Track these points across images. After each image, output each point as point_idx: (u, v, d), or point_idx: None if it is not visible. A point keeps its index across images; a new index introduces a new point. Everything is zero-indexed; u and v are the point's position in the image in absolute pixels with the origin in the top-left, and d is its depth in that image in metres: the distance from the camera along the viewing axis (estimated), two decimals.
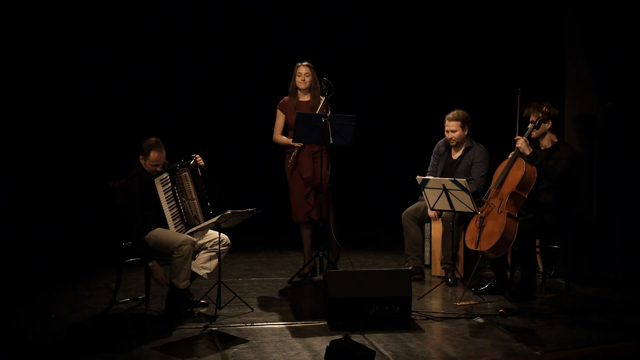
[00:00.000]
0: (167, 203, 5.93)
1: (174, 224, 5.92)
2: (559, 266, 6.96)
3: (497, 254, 6.19)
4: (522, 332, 5.44)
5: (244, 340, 5.24)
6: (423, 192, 6.31)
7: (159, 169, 5.93)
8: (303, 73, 6.91)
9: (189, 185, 6.00)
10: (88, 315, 5.82)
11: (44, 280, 7.02)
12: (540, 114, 6.33)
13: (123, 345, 5.18)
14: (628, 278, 6.77)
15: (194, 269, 5.90)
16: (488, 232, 6.14)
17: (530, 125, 6.36)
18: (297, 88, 6.96)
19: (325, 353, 4.55)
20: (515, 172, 6.23)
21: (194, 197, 6.00)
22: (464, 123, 6.97)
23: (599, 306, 6.13)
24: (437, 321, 5.69)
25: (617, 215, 6.86)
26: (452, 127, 6.97)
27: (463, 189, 6.03)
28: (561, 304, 6.17)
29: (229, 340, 5.26)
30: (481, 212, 6.22)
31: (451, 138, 6.99)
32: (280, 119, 7.00)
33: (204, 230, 5.98)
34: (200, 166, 6.11)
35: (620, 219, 6.86)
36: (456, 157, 7.04)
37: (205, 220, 5.97)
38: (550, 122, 6.38)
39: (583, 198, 6.90)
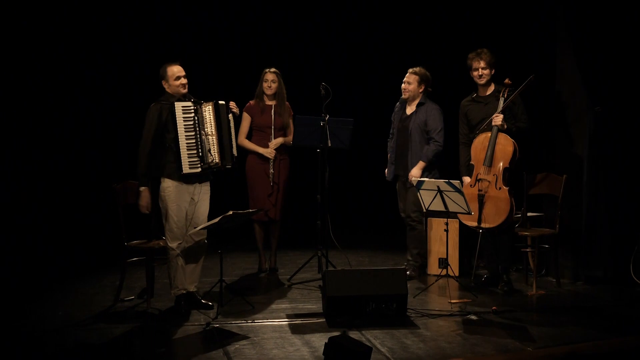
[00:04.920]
0: (185, 132, 5.82)
1: (188, 155, 5.83)
2: (549, 265, 7.07)
3: (501, 228, 6.39)
4: (514, 328, 5.54)
5: (245, 337, 5.32)
6: (418, 194, 6.39)
7: (184, 81, 5.91)
8: (270, 80, 6.99)
9: (211, 120, 5.94)
10: (94, 313, 5.90)
11: (51, 279, 7.07)
12: (505, 88, 6.53)
13: (126, 343, 5.28)
14: (616, 276, 6.85)
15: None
16: (493, 209, 6.32)
17: (501, 100, 6.51)
18: (263, 93, 7.04)
19: (324, 349, 4.59)
20: (504, 148, 6.40)
21: (213, 132, 5.94)
22: (421, 80, 7.03)
23: (588, 304, 6.24)
24: (432, 318, 5.79)
25: (606, 214, 6.93)
26: (409, 79, 7.04)
27: (457, 190, 6.11)
28: (552, 302, 6.29)
29: (231, 337, 5.34)
30: (481, 190, 6.38)
31: (405, 89, 7.04)
32: (246, 122, 7.05)
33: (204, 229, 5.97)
34: (232, 111, 6.12)
35: (609, 218, 6.92)
36: (410, 113, 7.08)
37: (221, 156, 5.98)
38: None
39: (573, 198, 6.97)
